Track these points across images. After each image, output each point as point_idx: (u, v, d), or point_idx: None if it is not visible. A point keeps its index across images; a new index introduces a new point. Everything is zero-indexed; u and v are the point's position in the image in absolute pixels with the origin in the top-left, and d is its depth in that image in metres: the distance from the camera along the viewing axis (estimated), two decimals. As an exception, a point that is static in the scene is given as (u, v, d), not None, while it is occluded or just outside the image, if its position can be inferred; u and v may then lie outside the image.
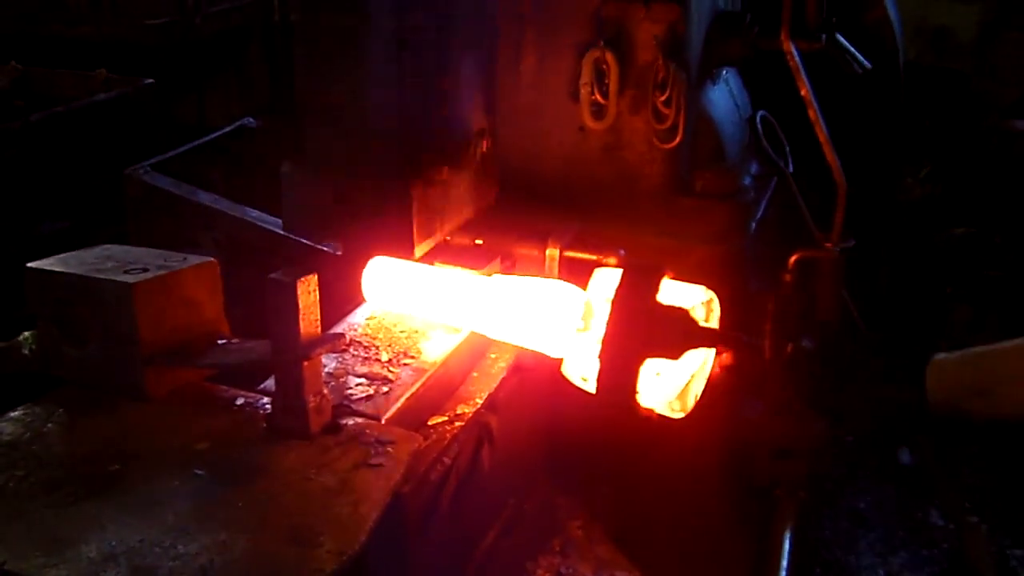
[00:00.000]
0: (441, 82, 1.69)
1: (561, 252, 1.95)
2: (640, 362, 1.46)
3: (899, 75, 2.98)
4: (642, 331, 1.45)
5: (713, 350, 1.54)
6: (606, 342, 1.48)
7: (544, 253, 1.97)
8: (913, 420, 1.74)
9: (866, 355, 2.75)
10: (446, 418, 1.68)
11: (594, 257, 1.87)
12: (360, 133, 1.62)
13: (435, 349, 1.78)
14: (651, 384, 1.52)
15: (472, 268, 1.90)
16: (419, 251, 1.70)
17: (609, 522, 2.21)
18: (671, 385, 1.56)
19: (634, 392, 1.47)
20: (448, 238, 2.00)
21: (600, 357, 1.48)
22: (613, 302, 1.49)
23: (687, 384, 1.58)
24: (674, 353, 1.47)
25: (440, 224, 1.74)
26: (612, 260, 1.83)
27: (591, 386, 1.54)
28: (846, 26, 2.27)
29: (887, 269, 3.72)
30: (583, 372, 1.58)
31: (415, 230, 1.65)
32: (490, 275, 1.85)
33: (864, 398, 1.74)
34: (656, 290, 1.48)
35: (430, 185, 1.67)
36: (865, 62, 2.37)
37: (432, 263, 1.89)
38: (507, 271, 1.98)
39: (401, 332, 1.83)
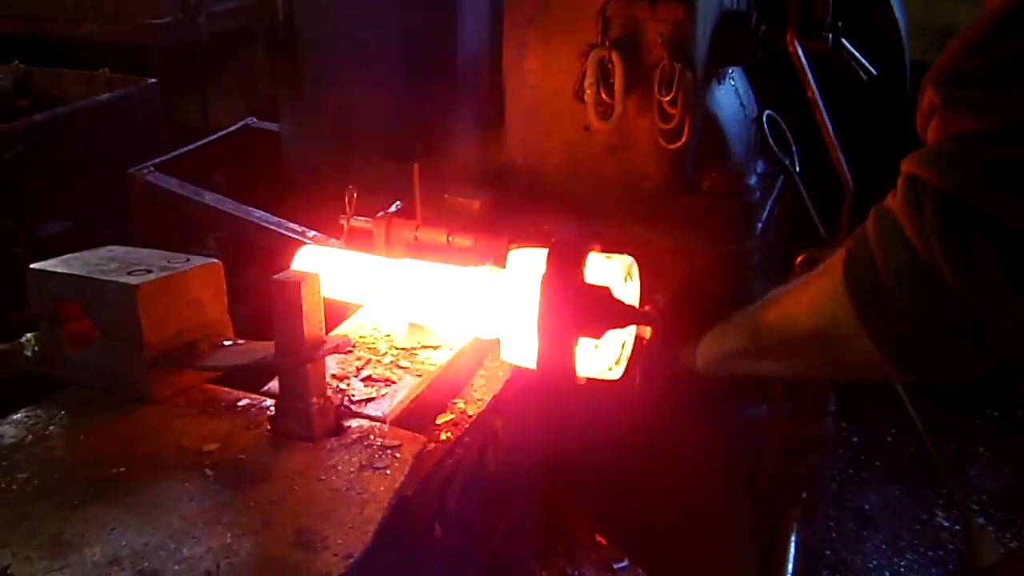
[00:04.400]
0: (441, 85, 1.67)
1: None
2: (573, 341, 1.55)
3: (905, 75, 2.97)
4: (571, 311, 1.54)
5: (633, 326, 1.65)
6: (541, 324, 1.55)
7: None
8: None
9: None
10: (452, 416, 1.68)
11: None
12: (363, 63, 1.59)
13: (438, 351, 1.77)
14: (589, 356, 1.61)
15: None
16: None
17: (614, 524, 2.20)
18: (608, 355, 1.67)
19: (573, 369, 1.56)
20: (450, 240, 1.99)
21: (538, 338, 1.56)
22: (543, 283, 1.55)
23: (621, 350, 1.70)
24: (598, 333, 1.57)
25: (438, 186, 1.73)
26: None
27: (529, 363, 1.61)
28: (852, 27, 2.26)
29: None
30: (518, 351, 1.64)
31: (416, 189, 1.63)
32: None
33: None
34: (582, 268, 1.56)
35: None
36: (871, 67, 2.35)
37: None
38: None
39: (404, 334, 1.83)
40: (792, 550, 2.22)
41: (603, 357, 1.65)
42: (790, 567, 2.20)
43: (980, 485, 2.82)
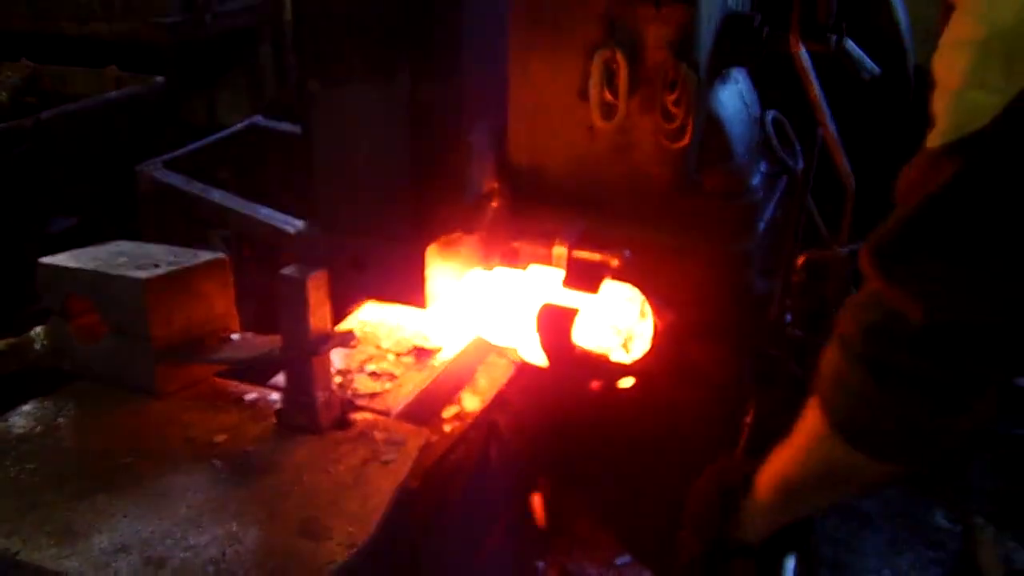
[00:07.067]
0: (454, 149, 1.72)
1: (569, 251, 1.96)
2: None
3: (908, 78, 2.98)
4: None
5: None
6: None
7: (550, 252, 1.98)
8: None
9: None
10: (457, 410, 1.69)
11: (599, 257, 1.89)
12: (375, 200, 1.67)
13: (443, 346, 1.79)
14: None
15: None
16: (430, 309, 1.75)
17: (616, 521, 2.21)
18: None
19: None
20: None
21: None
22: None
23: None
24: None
25: (451, 280, 1.79)
26: (615, 262, 1.87)
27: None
28: (856, 30, 2.27)
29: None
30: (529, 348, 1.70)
31: (426, 290, 1.70)
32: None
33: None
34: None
35: (443, 248, 1.73)
36: (875, 68, 2.36)
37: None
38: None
39: (409, 329, 1.84)
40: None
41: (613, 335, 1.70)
42: (791, 566, 2.21)
43: (980, 485, 2.82)
